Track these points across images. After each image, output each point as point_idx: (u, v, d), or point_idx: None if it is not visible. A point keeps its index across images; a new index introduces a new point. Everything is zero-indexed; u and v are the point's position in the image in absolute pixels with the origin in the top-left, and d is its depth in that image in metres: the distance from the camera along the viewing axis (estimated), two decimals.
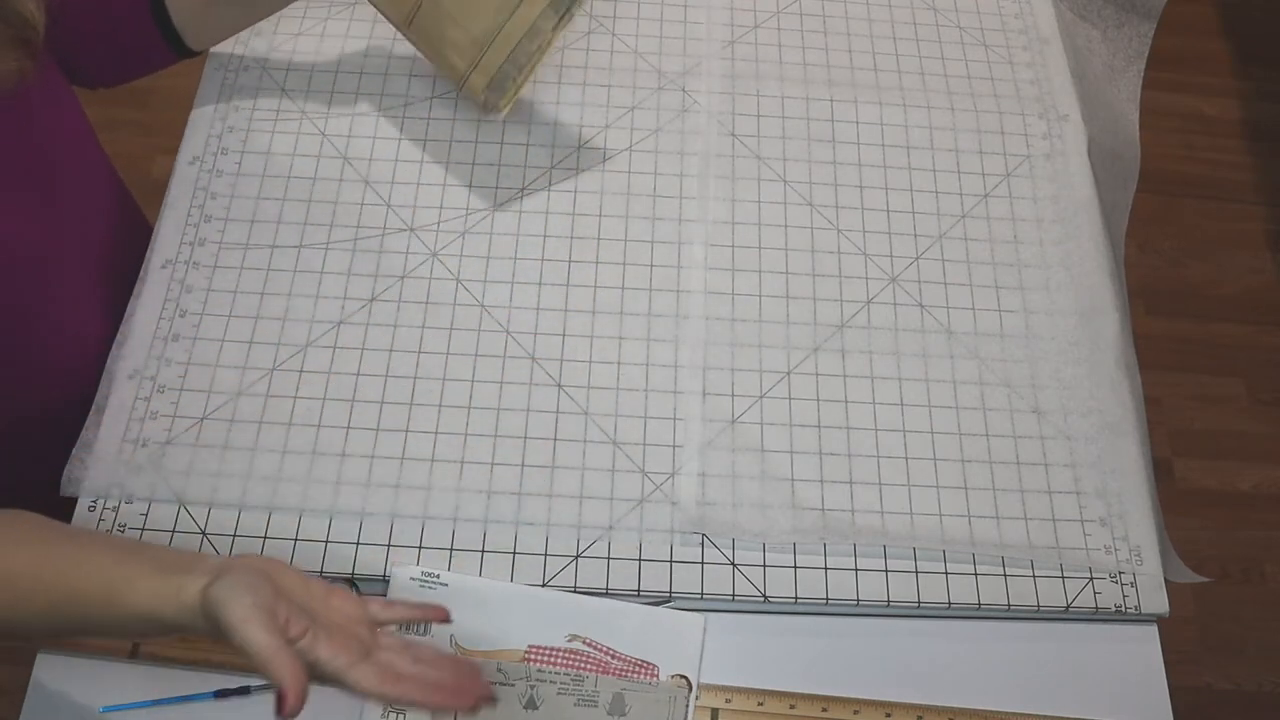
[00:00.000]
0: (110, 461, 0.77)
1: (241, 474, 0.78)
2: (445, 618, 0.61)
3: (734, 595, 0.75)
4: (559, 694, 0.71)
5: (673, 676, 0.72)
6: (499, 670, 0.71)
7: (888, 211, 0.92)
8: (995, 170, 0.95)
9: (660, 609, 0.74)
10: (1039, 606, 0.76)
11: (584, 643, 0.73)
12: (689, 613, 0.74)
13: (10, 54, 0.62)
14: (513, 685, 0.71)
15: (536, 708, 0.70)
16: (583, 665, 0.72)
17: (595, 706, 0.71)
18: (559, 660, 0.72)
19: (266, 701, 0.71)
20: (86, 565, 0.55)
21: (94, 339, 0.82)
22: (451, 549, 0.76)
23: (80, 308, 0.81)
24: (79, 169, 0.80)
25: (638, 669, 0.72)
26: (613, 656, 0.72)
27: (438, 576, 0.74)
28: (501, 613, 0.73)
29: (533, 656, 0.72)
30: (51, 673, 0.72)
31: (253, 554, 0.63)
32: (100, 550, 0.56)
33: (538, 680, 0.71)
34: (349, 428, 0.80)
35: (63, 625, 0.57)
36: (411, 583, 0.73)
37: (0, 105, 0.68)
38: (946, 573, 0.77)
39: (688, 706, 0.71)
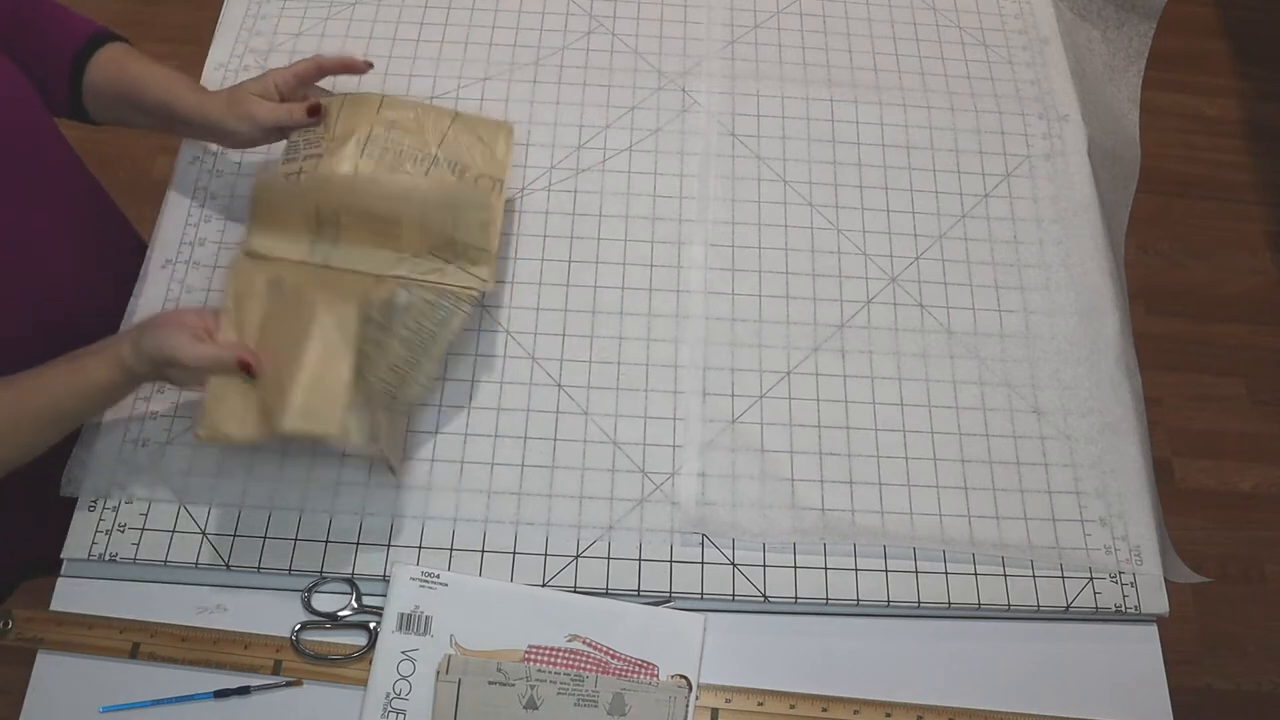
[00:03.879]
0: (110, 461, 0.78)
1: (241, 474, 0.78)
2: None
3: (734, 595, 0.75)
4: (559, 694, 0.71)
5: (673, 676, 0.72)
6: (499, 670, 0.71)
7: (888, 211, 0.92)
8: (995, 170, 0.95)
9: (660, 609, 0.74)
10: (1039, 606, 0.76)
11: (584, 643, 0.73)
12: (689, 613, 0.74)
13: None
14: (513, 685, 0.71)
15: (536, 708, 0.70)
16: (583, 665, 0.72)
17: (595, 706, 0.71)
18: (559, 660, 0.72)
19: (266, 702, 0.71)
20: (44, 382, 0.69)
21: (91, 336, 0.82)
22: (451, 549, 0.76)
23: (68, 299, 0.81)
24: (42, 161, 0.80)
25: (638, 669, 0.72)
26: (613, 656, 0.72)
27: (438, 576, 0.74)
28: (501, 613, 0.73)
29: (533, 656, 0.72)
30: (51, 673, 0.72)
31: (149, 319, 0.72)
32: (45, 373, 0.69)
33: (538, 680, 0.71)
34: None
35: (53, 430, 0.71)
36: (412, 583, 0.73)
37: None
38: (946, 573, 0.77)
39: (688, 706, 0.71)
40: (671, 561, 0.76)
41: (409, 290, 0.74)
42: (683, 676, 0.72)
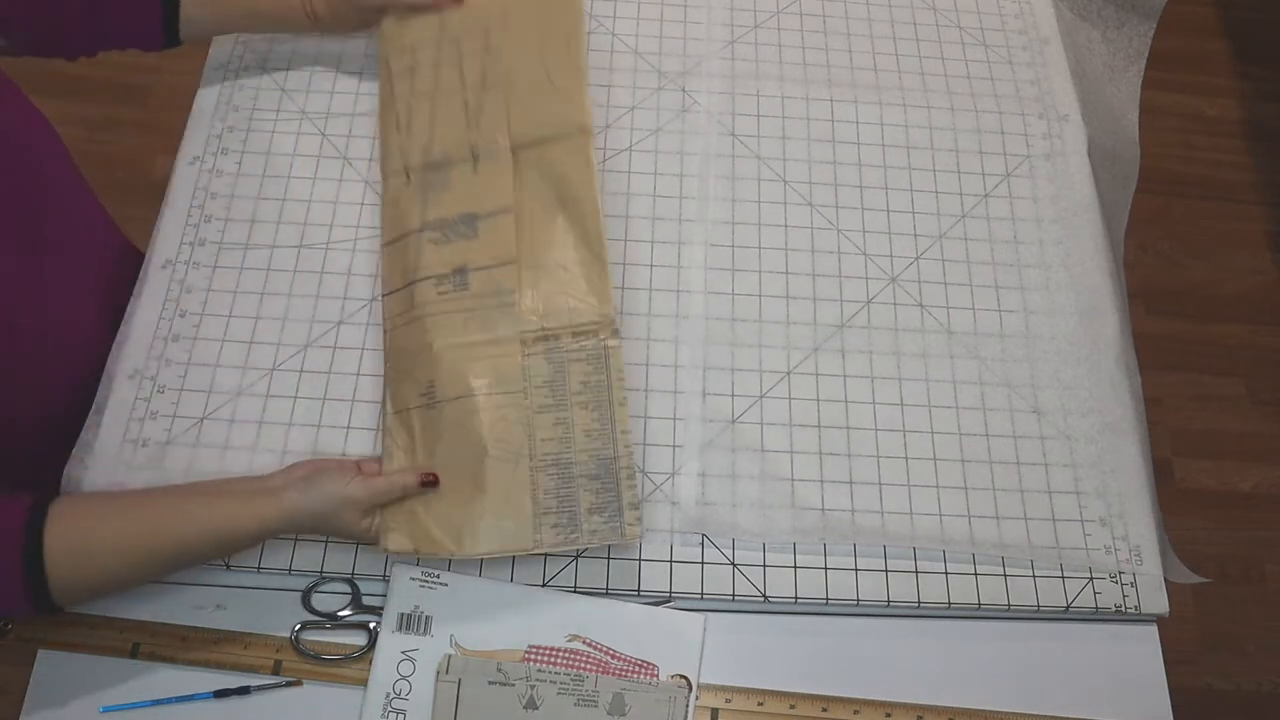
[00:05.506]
0: (110, 461, 0.77)
1: (241, 474, 0.78)
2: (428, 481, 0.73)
3: (734, 595, 0.75)
4: (559, 694, 0.71)
5: (672, 676, 0.72)
6: (499, 670, 0.71)
7: (888, 211, 0.92)
8: (995, 170, 0.95)
9: (660, 609, 0.74)
10: (1039, 606, 0.76)
11: (584, 643, 0.73)
12: (689, 612, 0.74)
13: None
14: (512, 685, 0.71)
15: (536, 708, 0.70)
16: (583, 665, 0.72)
17: (595, 706, 0.71)
18: (559, 660, 0.72)
19: (266, 702, 0.71)
20: (185, 517, 0.67)
21: (93, 339, 0.82)
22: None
23: (77, 310, 0.82)
24: (58, 187, 0.80)
25: (637, 669, 0.72)
26: (612, 656, 0.72)
27: (438, 576, 0.74)
28: (501, 613, 0.73)
29: (533, 656, 0.72)
30: (51, 673, 0.72)
31: (298, 466, 0.72)
32: (189, 500, 0.68)
33: (538, 680, 0.71)
34: (349, 428, 0.80)
35: (177, 567, 0.70)
36: (412, 582, 0.73)
37: None
38: (946, 573, 0.77)
39: (688, 706, 0.71)
40: (671, 561, 0.76)
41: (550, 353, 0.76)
42: (683, 676, 0.72)
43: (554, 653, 0.72)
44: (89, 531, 0.64)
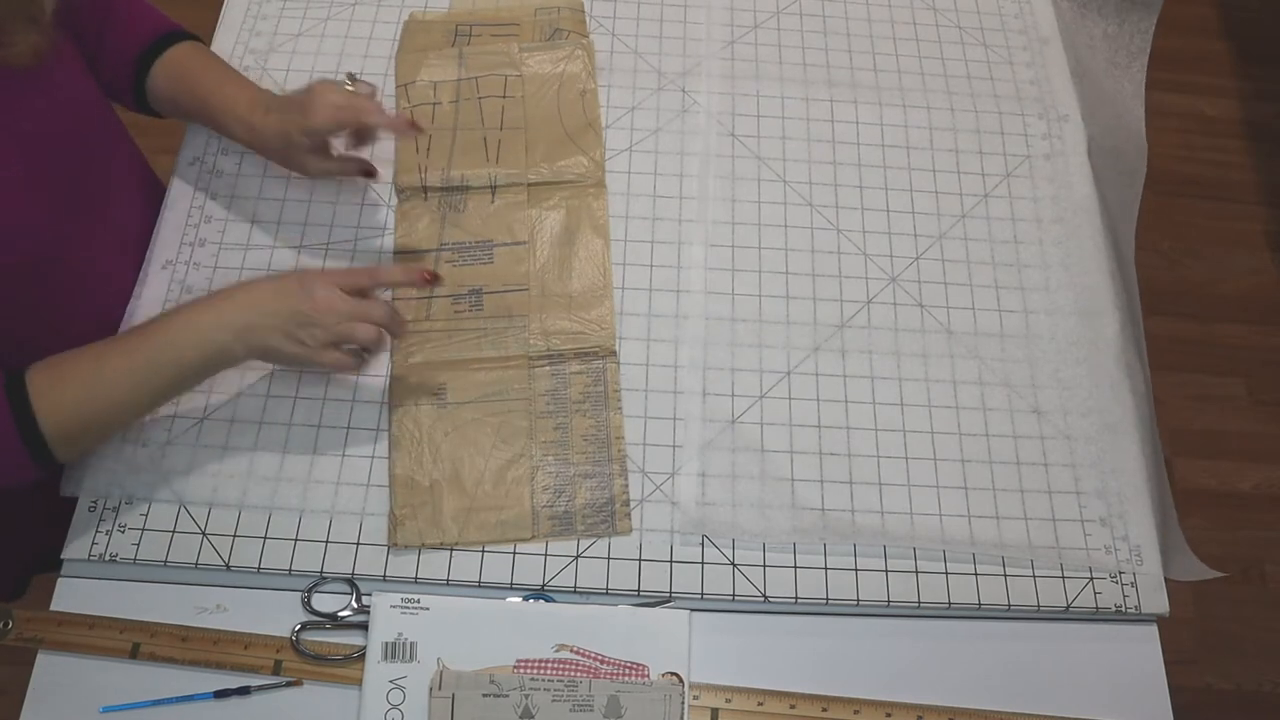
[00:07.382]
0: (110, 461, 0.77)
1: (241, 474, 0.78)
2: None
3: (734, 595, 0.75)
4: (554, 701, 0.70)
5: (664, 675, 0.72)
6: (492, 682, 0.71)
7: (887, 212, 0.92)
8: (995, 170, 0.95)
9: (642, 609, 0.74)
10: (1039, 606, 0.76)
11: (572, 651, 0.72)
12: (673, 610, 0.74)
13: (22, 30, 0.64)
14: (507, 696, 0.70)
15: (532, 716, 0.70)
16: (574, 672, 0.71)
17: (591, 711, 0.70)
18: (550, 669, 0.72)
19: (266, 702, 0.71)
20: (156, 323, 0.70)
21: (129, 284, 0.83)
22: (452, 550, 0.76)
23: (99, 302, 0.82)
24: (110, 164, 0.81)
25: (628, 670, 0.72)
26: (602, 661, 0.72)
27: (418, 601, 0.73)
28: (486, 631, 0.72)
29: (523, 669, 0.71)
30: (51, 673, 0.72)
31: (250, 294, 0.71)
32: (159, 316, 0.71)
33: (531, 689, 0.70)
34: (349, 428, 0.80)
35: (164, 381, 0.70)
36: (393, 610, 0.73)
37: (31, 94, 0.69)
38: (946, 573, 0.77)
39: (683, 703, 0.71)
40: (671, 561, 0.76)
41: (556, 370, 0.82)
42: (674, 674, 0.72)
43: (543, 664, 0.72)
44: (68, 372, 0.67)
